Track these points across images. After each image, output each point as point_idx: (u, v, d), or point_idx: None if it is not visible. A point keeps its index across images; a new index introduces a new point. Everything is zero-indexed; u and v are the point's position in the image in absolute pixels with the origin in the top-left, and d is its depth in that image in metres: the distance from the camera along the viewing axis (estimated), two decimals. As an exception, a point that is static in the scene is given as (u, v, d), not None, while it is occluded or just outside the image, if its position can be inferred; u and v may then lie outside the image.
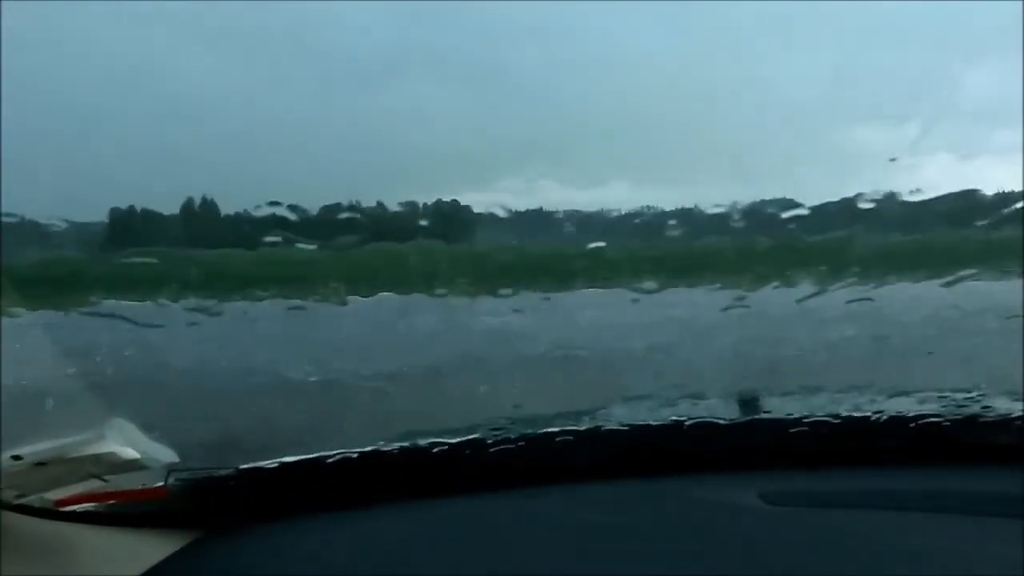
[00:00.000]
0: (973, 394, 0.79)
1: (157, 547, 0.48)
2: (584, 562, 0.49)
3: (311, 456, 0.60)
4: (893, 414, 0.69)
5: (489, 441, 0.66)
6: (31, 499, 0.42)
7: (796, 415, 0.71)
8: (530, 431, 0.65)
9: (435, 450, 0.61)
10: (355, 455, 0.61)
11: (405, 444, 0.65)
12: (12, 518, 0.40)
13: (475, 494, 0.62)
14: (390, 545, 0.54)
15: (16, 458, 0.42)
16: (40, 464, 0.44)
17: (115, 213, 2.70)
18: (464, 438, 0.66)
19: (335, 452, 0.62)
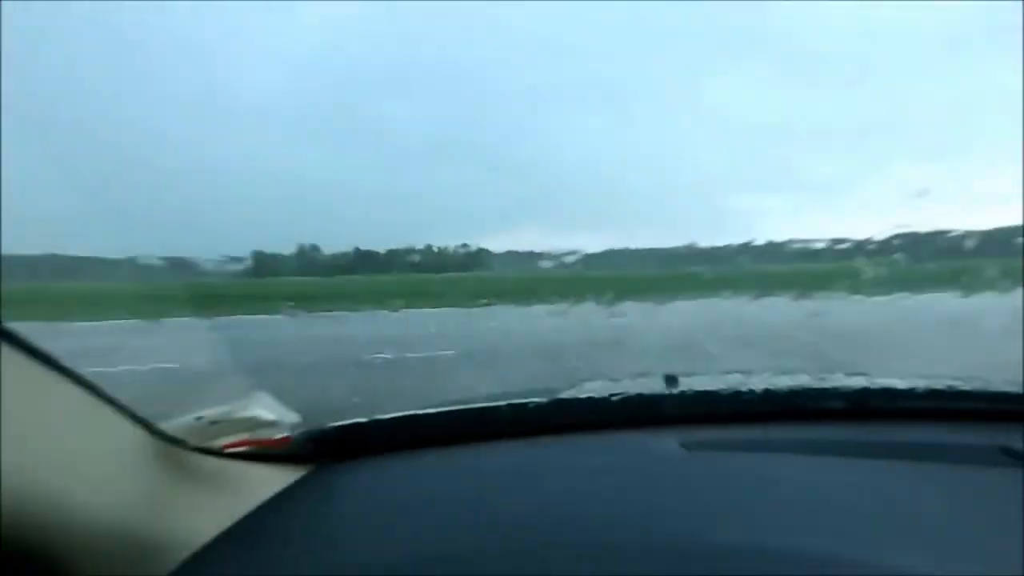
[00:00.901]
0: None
1: (284, 477, 0.56)
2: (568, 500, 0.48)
3: (405, 413, 0.60)
4: (805, 384, 0.67)
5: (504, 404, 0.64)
6: (207, 445, 0.51)
7: (713, 388, 0.73)
8: (532, 399, 0.63)
9: (493, 405, 0.64)
10: (447, 409, 0.68)
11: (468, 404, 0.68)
12: (196, 457, 0.49)
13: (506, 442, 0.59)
14: (476, 476, 0.55)
15: (199, 418, 0.54)
16: (213, 422, 0.56)
17: (257, 255, 3.87)
18: (489, 404, 0.63)
19: (426, 409, 0.63)
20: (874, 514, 0.39)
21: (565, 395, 0.61)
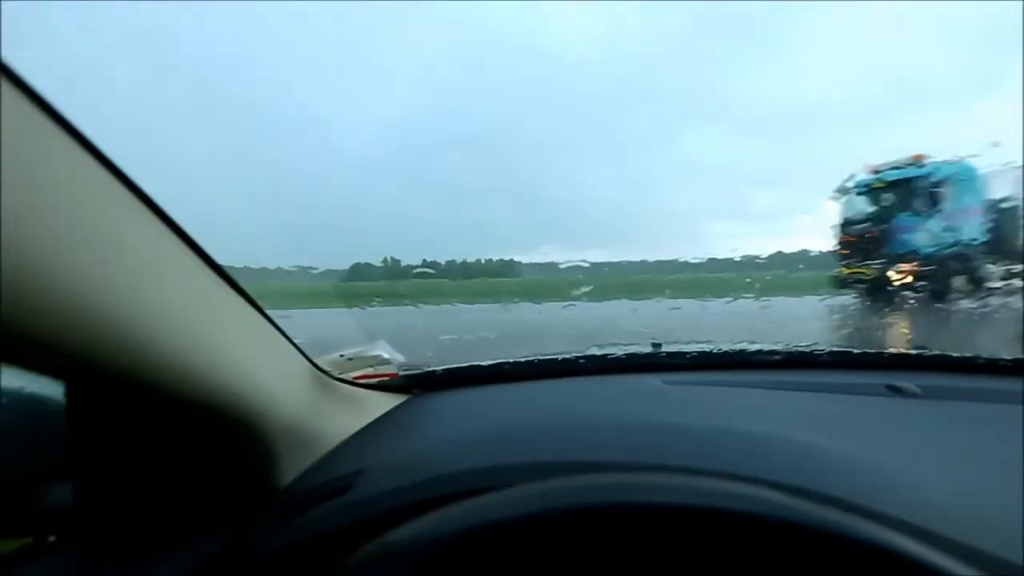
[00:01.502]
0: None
1: (392, 401, 0.67)
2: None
3: (470, 363, 0.70)
4: (754, 345, 0.78)
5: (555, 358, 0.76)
6: (344, 375, 0.62)
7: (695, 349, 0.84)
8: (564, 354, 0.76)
9: (536, 357, 0.72)
10: (500, 361, 0.74)
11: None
12: (336, 383, 0.59)
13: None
14: (523, 401, 0.62)
15: (341, 355, 0.67)
16: (350, 359, 0.67)
17: (355, 265, 5.04)
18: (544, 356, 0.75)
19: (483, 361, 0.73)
20: (795, 426, 0.50)
21: (587, 352, 0.77)
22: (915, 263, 7.70)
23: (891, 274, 7.70)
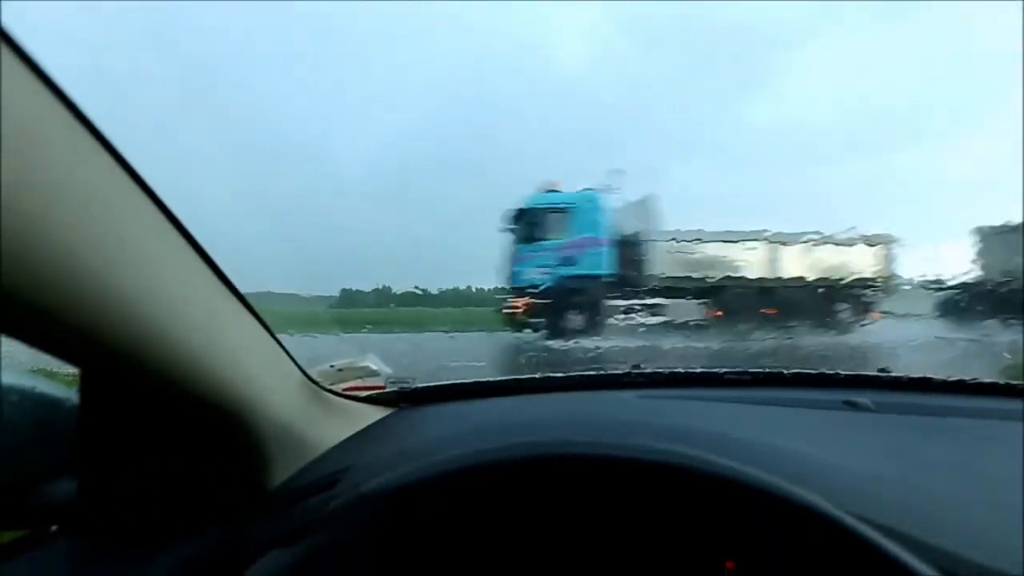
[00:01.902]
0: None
1: (378, 413, 0.67)
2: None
3: (455, 381, 0.71)
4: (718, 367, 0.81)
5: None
6: (334, 386, 0.62)
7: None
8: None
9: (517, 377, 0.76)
10: (484, 379, 0.76)
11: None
12: (325, 394, 0.59)
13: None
14: (499, 413, 0.67)
15: (331, 366, 0.69)
16: (340, 369, 0.69)
17: (344, 291, 5.03)
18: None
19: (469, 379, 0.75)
20: (756, 437, 0.52)
21: (563, 373, 0.81)
22: (528, 296, 7.37)
23: (507, 309, 7.37)
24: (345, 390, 0.69)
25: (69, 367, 0.38)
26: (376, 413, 0.70)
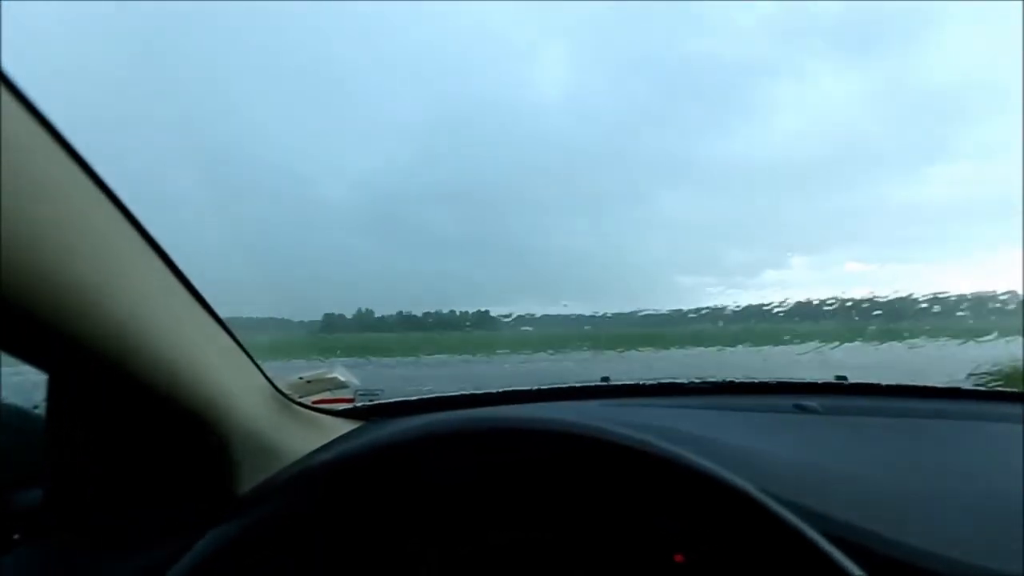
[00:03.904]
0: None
1: (347, 426, 0.70)
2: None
3: (426, 396, 0.76)
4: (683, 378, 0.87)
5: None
6: (302, 399, 0.64)
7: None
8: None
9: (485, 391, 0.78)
10: (455, 393, 0.78)
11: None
12: (294, 406, 0.61)
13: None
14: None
15: (300, 378, 0.68)
16: (308, 382, 0.68)
17: (328, 316, 5.09)
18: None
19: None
20: (709, 434, 0.56)
21: (536, 387, 0.83)
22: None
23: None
24: (315, 403, 0.70)
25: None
26: (345, 426, 0.72)
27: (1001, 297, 2.33)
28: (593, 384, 0.84)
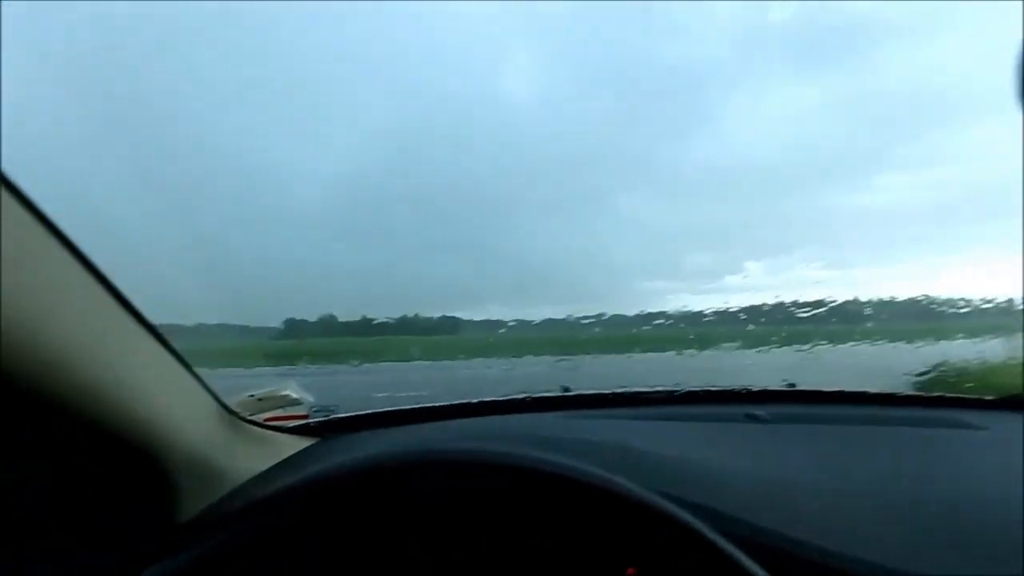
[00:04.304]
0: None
1: (301, 443, 0.69)
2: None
3: (379, 409, 0.74)
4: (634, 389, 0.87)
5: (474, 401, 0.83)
6: (254, 416, 0.62)
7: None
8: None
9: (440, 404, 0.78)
10: (408, 407, 0.77)
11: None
12: (245, 424, 0.58)
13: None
14: (447, 436, 0.68)
15: (251, 395, 0.66)
16: (260, 399, 0.66)
17: (289, 321, 4.97)
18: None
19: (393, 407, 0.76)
20: (664, 450, 0.57)
21: (490, 399, 0.83)
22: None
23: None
24: (267, 420, 0.68)
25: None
26: (300, 443, 0.69)
27: (940, 300, 2.46)
28: (552, 395, 0.85)
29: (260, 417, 0.67)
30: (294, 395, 0.72)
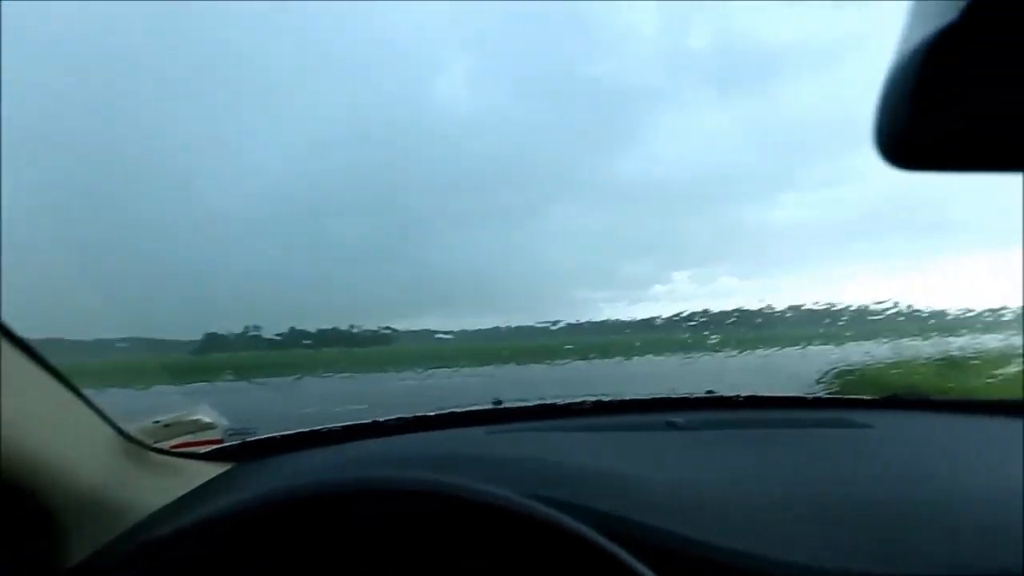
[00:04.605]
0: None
1: (214, 469, 0.65)
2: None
3: (296, 431, 0.69)
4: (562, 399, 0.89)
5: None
6: (160, 444, 0.60)
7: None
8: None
9: (358, 422, 0.76)
10: (321, 427, 0.75)
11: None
12: (149, 453, 0.57)
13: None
14: (336, 460, 0.66)
15: (156, 422, 0.63)
16: (167, 425, 0.63)
17: (209, 335, 4.60)
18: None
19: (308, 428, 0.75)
20: (586, 462, 0.58)
21: (418, 414, 0.82)
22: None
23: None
24: (175, 447, 0.64)
25: None
26: (213, 470, 0.65)
27: (838, 307, 2.69)
28: (480, 409, 0.85)
29: (167, 444, 0.63)
30: (207, 419, 0.69)
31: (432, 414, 0.82)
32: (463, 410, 0.84)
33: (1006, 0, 0.18)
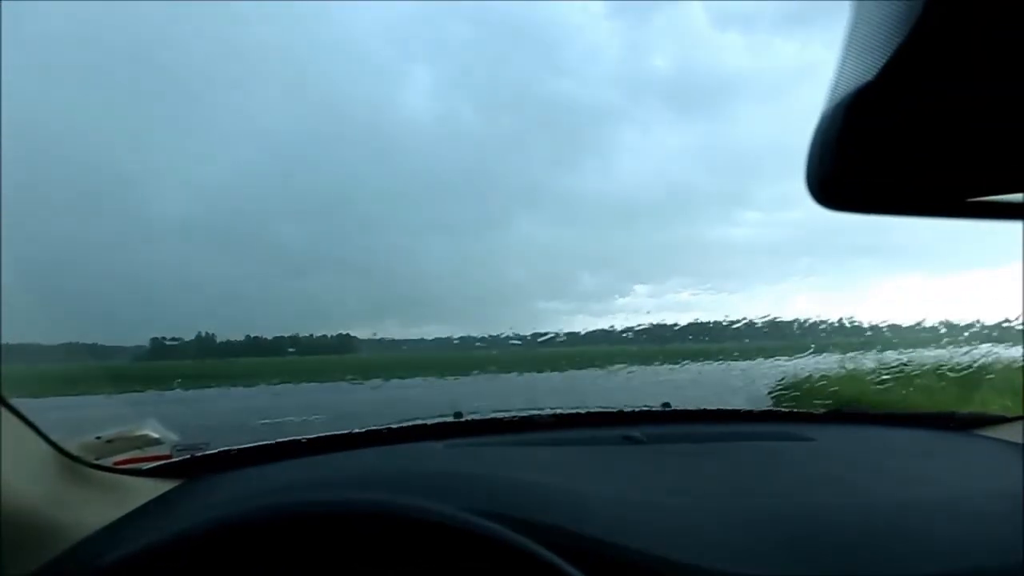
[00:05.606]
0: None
1: (164, 486, 0.63)
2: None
3: (249, 444, 0.73)
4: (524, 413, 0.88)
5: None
6: (102, 461, 0.59)
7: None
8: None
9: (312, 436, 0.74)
10: (271, 441, 0.73)
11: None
12: (90, 470, 0.55)
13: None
14: (322, 473, 0.65)
15: (98, 438, 0.59)
16: (109, 441, 0.60)
17: (156, 340, 4.36)
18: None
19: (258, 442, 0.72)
20: (545, 479, 0.58)
21: (377, 427, 0.81)
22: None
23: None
24: (119, 463, 0.62)
25: None
26: (160, 486, 0.63)
27: (787, 321, 2.81)
28: (439, 422, 0.84)
29: (111, 461, 0.60)
30: (153, 434, 0.65)
31: (393, 426, 0.81)
32: (422, 423, 0.83)
33: (925, 59, 0.19)
